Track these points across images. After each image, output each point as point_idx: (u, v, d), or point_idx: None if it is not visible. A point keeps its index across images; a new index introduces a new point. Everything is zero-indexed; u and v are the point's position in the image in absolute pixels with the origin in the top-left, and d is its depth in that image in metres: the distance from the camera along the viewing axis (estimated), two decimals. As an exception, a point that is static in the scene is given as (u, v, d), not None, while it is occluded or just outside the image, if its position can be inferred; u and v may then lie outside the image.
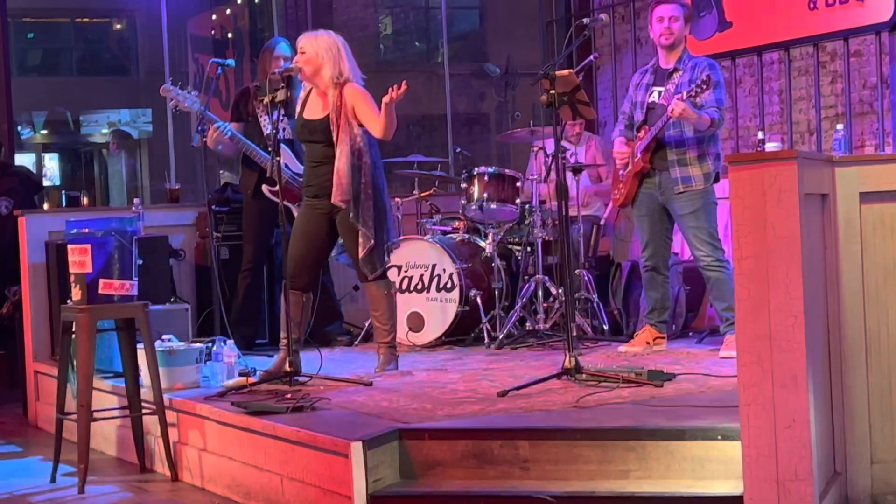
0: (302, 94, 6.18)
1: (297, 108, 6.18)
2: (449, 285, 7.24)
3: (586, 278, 7.23)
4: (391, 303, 6.19)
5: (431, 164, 8.39)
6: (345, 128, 5.96)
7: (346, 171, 5.93)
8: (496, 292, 7.22)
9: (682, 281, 7.16)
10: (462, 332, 7.27)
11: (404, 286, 7.37)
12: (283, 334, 6.08)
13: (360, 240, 5.98)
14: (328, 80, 5.99)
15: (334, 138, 5.96)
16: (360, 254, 5.99)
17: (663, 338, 6.56)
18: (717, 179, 6.34)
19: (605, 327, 7.19)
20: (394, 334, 6.22)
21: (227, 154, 7.42)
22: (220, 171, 8.55)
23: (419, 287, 7.33)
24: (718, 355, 6.13)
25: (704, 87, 6.05)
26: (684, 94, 6.09)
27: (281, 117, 5.98)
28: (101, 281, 5.45)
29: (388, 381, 5.83)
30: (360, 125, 5.97)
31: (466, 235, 7.55)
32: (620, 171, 6.51)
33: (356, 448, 4.34)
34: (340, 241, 6.23)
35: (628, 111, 6.55)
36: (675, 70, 6.32)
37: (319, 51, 6.00)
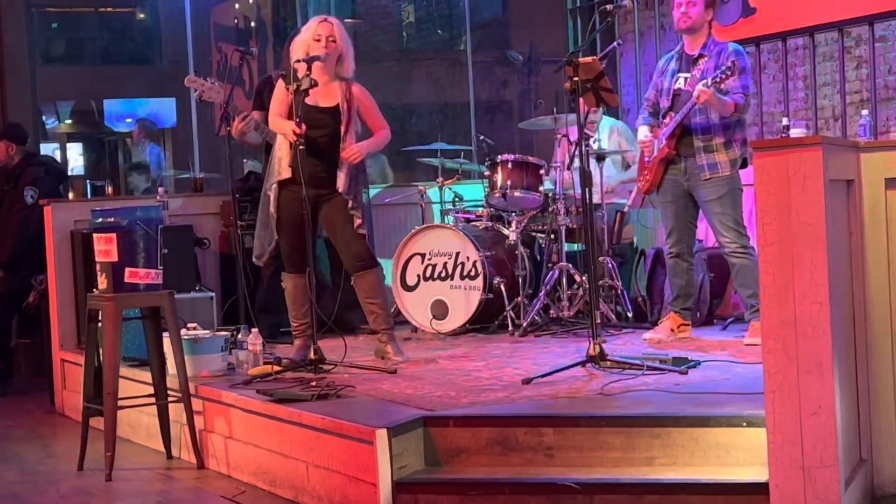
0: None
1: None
2: (473, 273, 7.24)
3: (610, 265, 7.23)
4: (384, 287, 6.34)
5: (454, 151, 8.39)
6: (353, 121, 6.05)
7: (355, 165, 6.06)
8: (520, 280, 7.22)
9: (706, 268, 7.14)
10: (486, 320, 7.28)
11: (428, 274, 7.38)
12: (294, 322, 6.12)
13: (356, 223, 6.04)
14: (343, 72, 6.04)
15: (342, 129, 6.02)
16: (358, 235, 6.05)
17: (688, 325, 6.54)
18: (744, 165, 6.32)
19: (630, 314, 7.18)
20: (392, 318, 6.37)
21: (251, 143, 7.44)
22: (244, 160, 8.57)
23: (443, 275, 7.34)
24: (743, 342, 6.11)
25: (729, 73, 6.03)
26: (709, 80, 6.06)
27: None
28: (127, 269, 5.48)
29: (413, 369, 5.84)
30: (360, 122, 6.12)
31: (490, 223, 7.55)
32: (646, 158, 6.49)
33: (381, 435, 4.36)
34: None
35: (653, 98, 6.53)
36: (701, 56, 6.29)
37: (346, 39, 6.04)
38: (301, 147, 5.83)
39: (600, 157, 7.33)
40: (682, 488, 4.14)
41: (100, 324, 5.59)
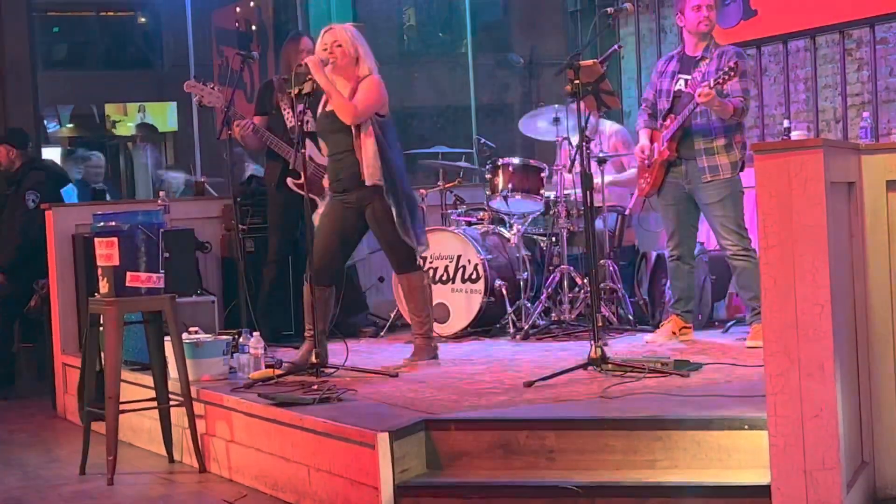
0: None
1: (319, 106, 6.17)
2: (474, 276, 7.24)
3: (611, 268, 7.22)
4: (425, 294, 6.22)
5: (456, 154, 8.39)
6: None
7: (375, 155, 5.93)
8: (521, 283, 7.22)
9: (708, 270, 7.14)
10: (487, 323, 7.28)
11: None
12: (307, 325, 6.11)
13: (397, 221, 5.97)
14: (361, 73, 6.00)
15: (355, 126, 5.97)
16: (397, 240, 6.00)
17: (689, 328, 6.54)
18: (742, 168, 6.32)
19: (631, 317, 7.18)
20: (429, 325, 6.24)
21: (252, 147, 7.45)
22: (246, 164, 8.58)
23: (444, 278, 7.34)
24: (745, 345, 6.11)
25: (732, 73, 6.03)
26: (711, 81, 6.06)
27: (305, 109, 5.97)
28: (129, 274, 5.48)
29: (414, 373, 5.84)
30: (376, 113, 6.00)
31: (491, 226, 7.55)
32: (647, 163, 6.49)
33: (383, 439, 4.35)
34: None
35: (651, 98, 6.53)
36: (702, 58, 6.29)
37: (356, 43, 6.01)
38: (302, 151, 5.85)
39: (601, 161, 7.32)
40: (684, 491, 4.13)
41: (101, 328, 5.60)
